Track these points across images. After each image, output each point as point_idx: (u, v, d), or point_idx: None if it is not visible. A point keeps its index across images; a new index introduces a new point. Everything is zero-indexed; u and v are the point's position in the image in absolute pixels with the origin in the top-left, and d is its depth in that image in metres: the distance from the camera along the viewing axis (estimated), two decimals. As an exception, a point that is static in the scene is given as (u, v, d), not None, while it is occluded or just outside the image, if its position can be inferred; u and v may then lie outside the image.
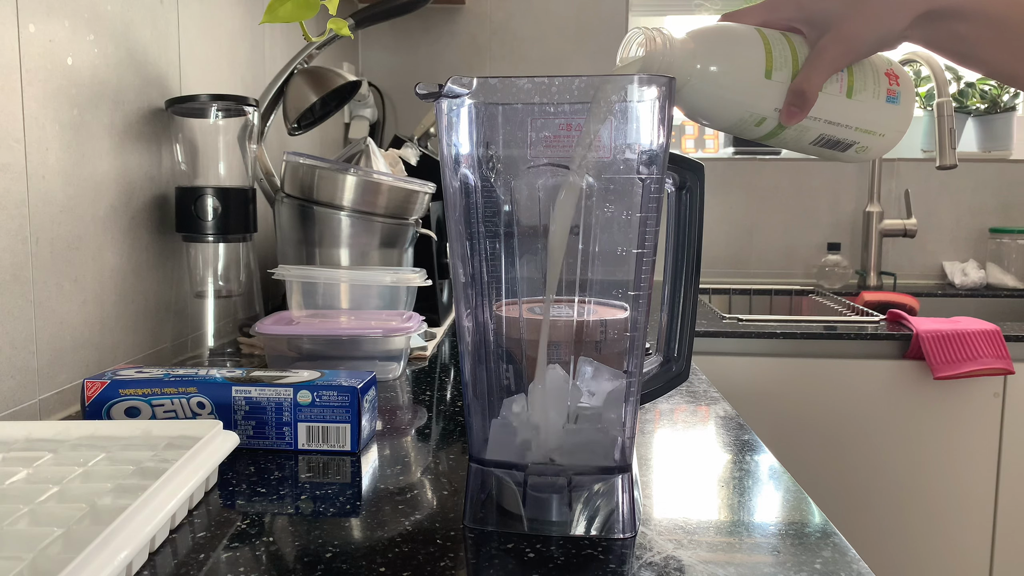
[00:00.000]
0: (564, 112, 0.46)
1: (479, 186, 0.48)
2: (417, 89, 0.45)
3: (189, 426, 0.58)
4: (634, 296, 0.48)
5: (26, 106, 0.69)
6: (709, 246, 1.97)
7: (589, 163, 0.46)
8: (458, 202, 0.48)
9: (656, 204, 0.47)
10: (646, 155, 0.46)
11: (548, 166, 0.47)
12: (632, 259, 0.47)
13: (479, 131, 0.47)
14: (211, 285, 0.94)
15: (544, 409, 0.48)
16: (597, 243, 0.47)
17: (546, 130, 0.46)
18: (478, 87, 0.45)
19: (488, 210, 0.48)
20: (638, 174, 0.46)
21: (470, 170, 0.47)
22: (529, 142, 0.47)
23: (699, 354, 1.35)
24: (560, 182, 0.47)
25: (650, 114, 0.45)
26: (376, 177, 1.00)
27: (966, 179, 1.97)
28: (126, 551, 0.40)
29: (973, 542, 1.36)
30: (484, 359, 0.50)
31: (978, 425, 1.34)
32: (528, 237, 0.48)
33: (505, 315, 0.49)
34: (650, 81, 0.45)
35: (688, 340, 0.59)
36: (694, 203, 0.57)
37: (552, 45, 1.96)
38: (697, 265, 0.57)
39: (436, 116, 0.48)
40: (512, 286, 0.49)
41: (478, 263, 0.49)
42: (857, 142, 0.58)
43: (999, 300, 1.86)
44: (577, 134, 0.46)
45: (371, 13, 1.11)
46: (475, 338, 0.50)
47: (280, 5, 0.87)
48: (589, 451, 0.48)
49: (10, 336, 0.67)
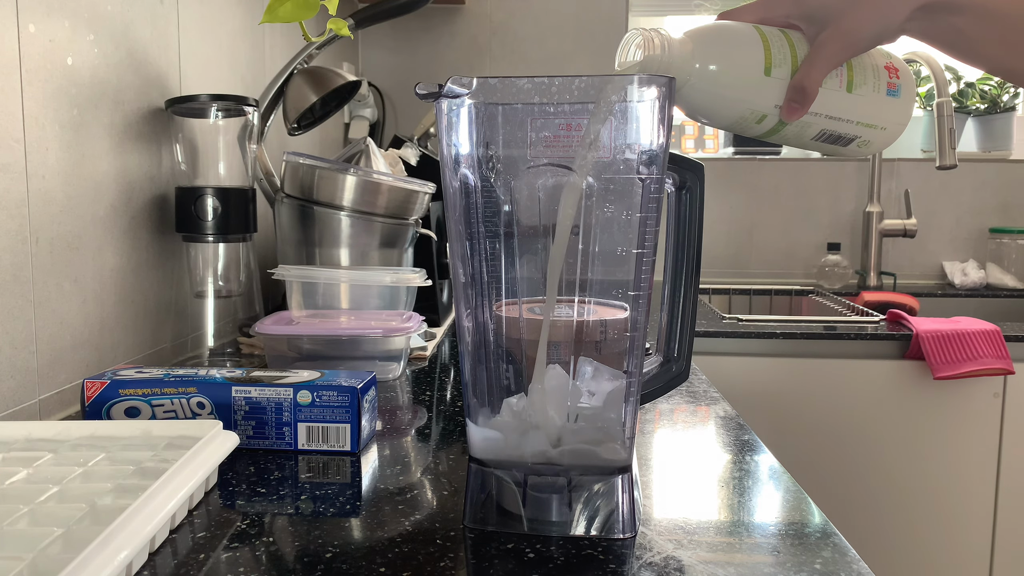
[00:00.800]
0: (564, 112, 0.46)
1: (479, 186, 0.48)
2: (417, 89, 0.45)
3: (189, 426, 0.58)
4: (634, 296, 0.48)
5: (26, 106, 0.69)
6: (709, 246, 1.97)
7: (589, 163, 0.46)
8: (458, 202, 0.48)
9: (656, 204, 0.47)
10: (646, 155, 0.46)
11: (548, 166, 0.47)
12: (632, 259, 0.47)
13: (479, 131, 0.47)
14: (211, 285, 0.94)
15: (544, 409, 0.48)
16: (597, 243, 0.47)
17: (546, 130, 0.46)
18: (478, 87, 0.45)
19: (488, 210, 0.48)
20: (638, 174, 0.46)
21: (470, 170, 0.47)
22: (529, 142, 0.47)
23: (699, 354, 1.35)
24: (560, 182, 0.47)
25: (650, 114, 0.45)
26: (376, 177, 1.00)
27: (966, 179, 1.97)
28: (126, 551, 0.40)
29: (973, 542, 1.36)
30: (484, 359, 0.50)
31: (978, 425, 1.34)
32: (528, 237, 0.48)
33: (505, 315, 0.49)
34: (650, 81, 0.45)
35: (688, 340, 0.58)
36: (694, 203, 0.57)
37: (552, 45, 1.96)
38: (697, 265, 0.57)
39: (436, 116, 0.48)
40: (512, 286, 0.49)
41: (478, 263, 0.49)
42: (859, 136, 0.58)
43: (999, 300, 1.86)
44: (577, 134, 0.46)
45: (371, 13, 1.11)
46: (475, 338, 0.50)
47: (280, 5, 0.87)
48: (589, 451, 0.48)
49: (10, 336, 0.67)
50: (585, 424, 0.49)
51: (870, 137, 0.58)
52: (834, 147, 0.58)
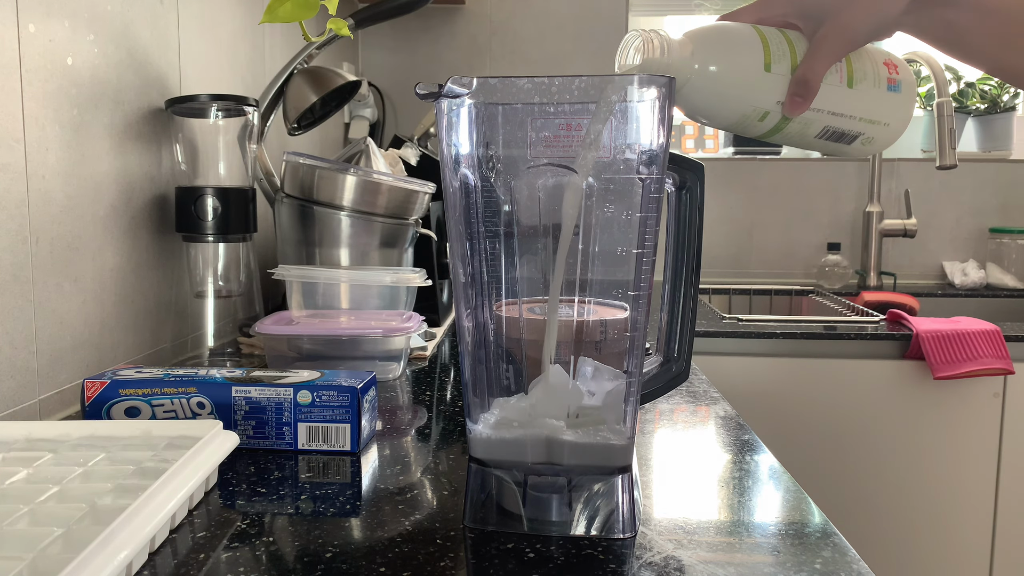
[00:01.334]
0: (564, 112, 0.46)
1: (479, 186, 0.48)
2: (417, 89, 0.45)
3: (189, 426, 0.58)
4: (634, 296, 0.48)
5: (26, 106, 0.69)
6: (709, 246, 1.97)
7: (590, 163, 0.46)
8: (458, 202, 0.48)
9: (656, 204, 0.47)
10: (646, 155, 0.46)
11: (548, 166, 0.47)
12: (632, 259, 0.47)
13: (479, 131, 0.47)
14: (211, 285, 0.94)
15: (545, 409, 0.48)
16: (597, 243, 0.47)
17: (546, 130, 0.46)
18: (478, 87, 0.45)
19: (488, 210, 0.48)
20: (638, 174, 0.46)
21: (470, 170, 0.47)
22: (529, 142, 0.47)
23: (699, 354, 1.35)
24: (560, 182, 0.47)
25: (650, 114, 0.45)
26: (376, 177, 1.00)
27: (966, 179, 1.97)
28: (126, 551, 0.40)
29: (973, 542, 1.36)
30: (484, 359, 0.50)
31: (978, 425, 1.34)
32: (528, 237, 0.48)
33: (505, 315, 0.49)
34: (650, 81, 0.45)
35: (688, 340, 0.58)
36: (694, 203, 0.57)
37: (552, 45, 1.95)
38: (697, 265, 0.57)
39: (436, 116, 0.48)
40: (512, 286, 0.49)
41: (478, 263, 0.49)
42: (862, 133, 0.58)
43: (999, 300, 1.86)
44: (578, 134, 0.46)
45: (371, 13, 1.11)
46: (475, 338, 0.50)
47: (280, 5, 0.87)
48: (589, 451, 0.48)
49: (10, 336, 0.67)
50: (585, 424, 0.49)
51: (873, 133, 0.58)
52: (838, 145, 0.58)
